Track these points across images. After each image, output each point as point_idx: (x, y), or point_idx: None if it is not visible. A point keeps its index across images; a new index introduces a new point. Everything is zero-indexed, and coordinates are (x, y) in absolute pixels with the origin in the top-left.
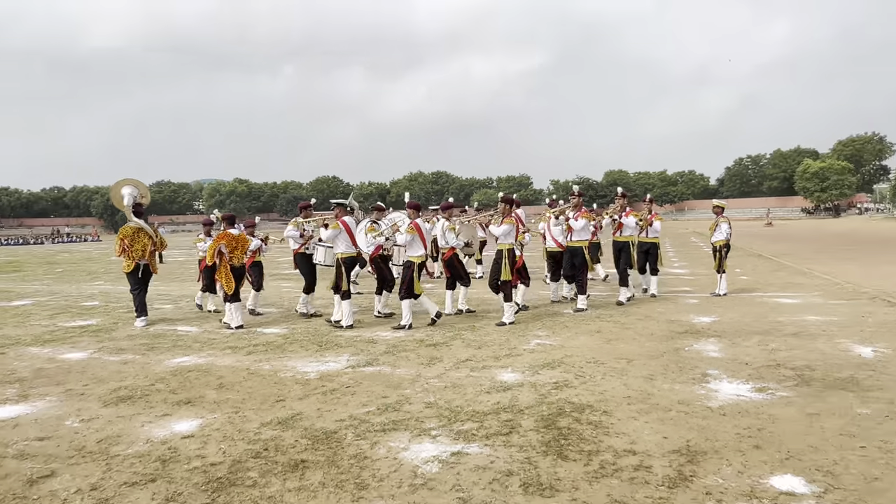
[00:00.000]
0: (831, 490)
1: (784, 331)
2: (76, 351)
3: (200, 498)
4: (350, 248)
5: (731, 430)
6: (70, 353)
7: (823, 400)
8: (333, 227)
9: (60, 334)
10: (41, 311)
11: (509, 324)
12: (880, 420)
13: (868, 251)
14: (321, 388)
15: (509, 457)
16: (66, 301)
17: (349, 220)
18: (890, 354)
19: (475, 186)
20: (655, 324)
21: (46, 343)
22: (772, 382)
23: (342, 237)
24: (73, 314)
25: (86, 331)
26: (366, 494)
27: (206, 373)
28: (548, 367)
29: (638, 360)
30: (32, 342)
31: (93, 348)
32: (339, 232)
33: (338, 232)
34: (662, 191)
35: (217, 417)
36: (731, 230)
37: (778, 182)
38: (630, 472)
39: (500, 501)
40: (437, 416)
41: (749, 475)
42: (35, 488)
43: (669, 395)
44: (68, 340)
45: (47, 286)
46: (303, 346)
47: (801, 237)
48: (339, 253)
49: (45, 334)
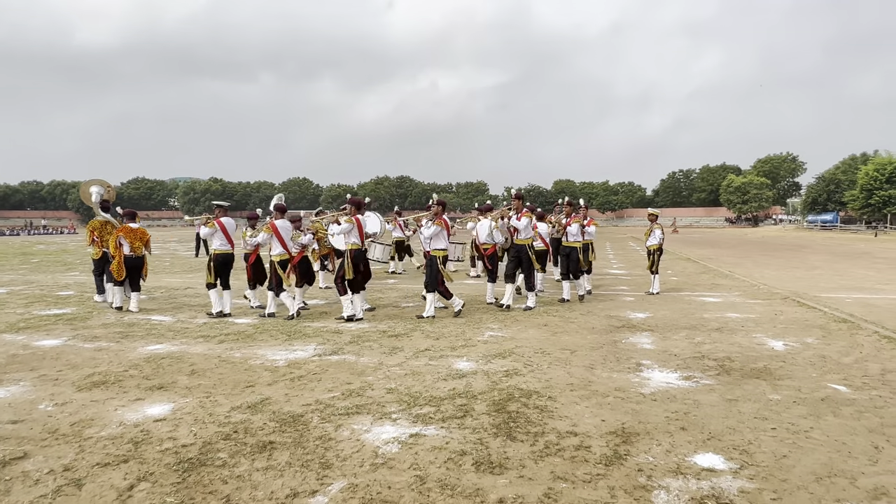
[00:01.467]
0: (746, 466)
1: (708, 326)
2: (51, 338)
3: (171, 477)
4: (281, 250)
5: (661, 413)
6: (44, 340)
7: (741, 387)
8: (265, 231)
9: (35, 322)
10: (16, 300)
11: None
12: (789, 405)
13: (781, 257)
14: (289, 375)
15: (463, 438)
16: (41, 290)
17: (226, 220)
18: (798, 348)
19: (435, 191)
20: (596, 318)
21: (21, 330)
22: (697, 372)
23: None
24: (48, 303)
25: (60, 319)
26: (330, 473)
27: (178, 360)
28: (499, 357)
29: (580, 351)
30: (7, 329)
31: (67, 335)
32: (270, 237)
33: (269, 236)
34: (605, 199)
35: (189, 402)
36: (663, 236)
37: (705, 194)
38: (571, 452)
39: (454, 479)
40: (397, 401)
41: (676, 454)
42: (7, 469)
43: (607, 382)
44: (43, 328)
45: (22, 276)
46: (272, 336)
47: (724, 243)
48: (276, 255)
49: (19, 322)
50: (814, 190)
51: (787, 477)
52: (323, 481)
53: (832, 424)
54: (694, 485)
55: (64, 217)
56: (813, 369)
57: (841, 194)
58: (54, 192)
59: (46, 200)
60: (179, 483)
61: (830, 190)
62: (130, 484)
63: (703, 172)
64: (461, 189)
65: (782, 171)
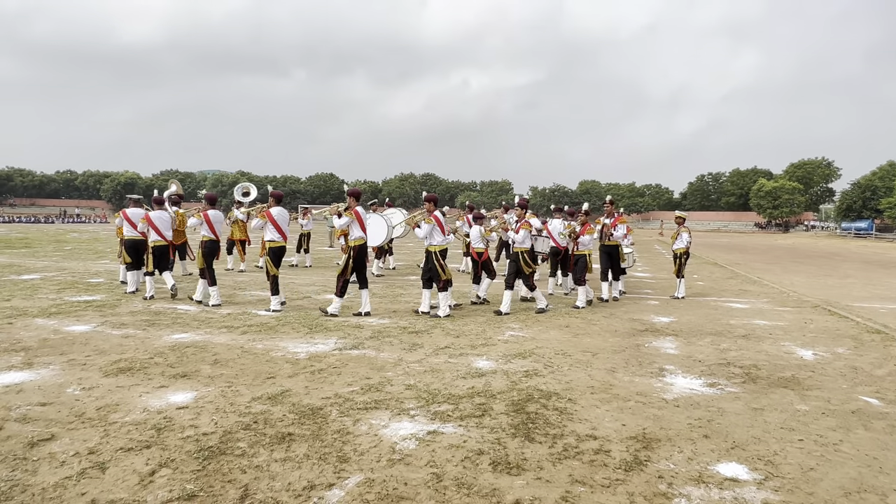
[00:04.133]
0: (771, 478)
1: (734, 333)
2: (80, 324)
3: (192, 465)
4: (210, 234)
5: (683, 420)
6: (74, 326)
7: (767, 396)
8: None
9: (66, 308)
10: (48, 286)
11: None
12: (817, 416)
13: (812, 264)
14: (310, 368)
15: (481, 437)
16: (72, 277)
17: (212, 213)
18: (829, 358)
19: (460, 189)
20: (619, 321)
21: (52, 315)
22: (722, 379)
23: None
24: (79, 289)
25: (90, 305)
26: (347, 467)
27: (202, 349)
28: (519, 357)
29: (602, 354)
30: (39, 314)
31: (96, 322)
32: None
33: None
34: (631, 201)
35: (211, 391)
36: (690, 239)
37: (735, 198)
38: (590, 455)
39: (470, 478)
40: (415, 398)
41: (698, 462)
42: (35, 450)
43: (629, 386)
44: (73, 314)
45: (56, 262)
46: (294, 329)
47: (752, 249)
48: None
49: (51, 307)
50: (848, 196)
51: (813, 490)
52: (340, 475)
53: (863, 438)
54: (716, 494)
55: (97, 206)
56: (843, 380)
57: (877, 201)
58: (87, 182)
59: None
60: (199, 471)
61: (866, 197)
62: (152, 469)
63: (733, 176)
64: (485, 187)
65: (815, 177)
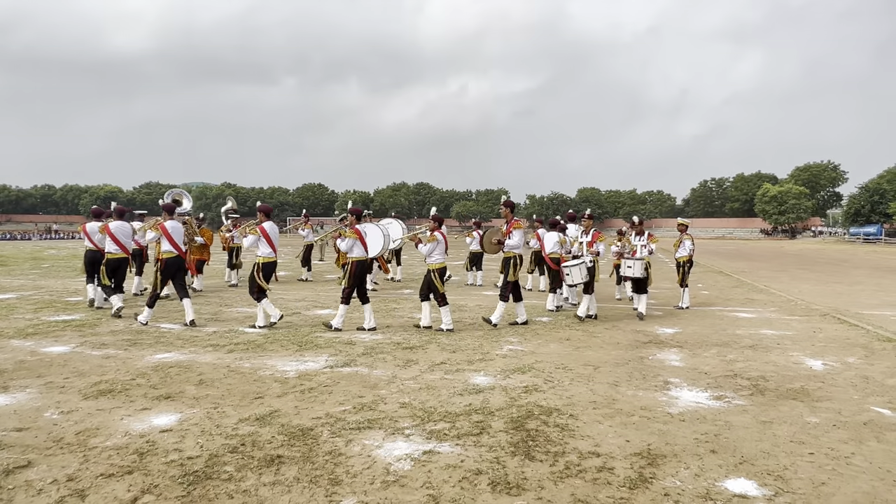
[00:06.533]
0: (781, 493)
1: (741, 343)
2: (59, 344)
3: (176, 490)
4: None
5: (689, 435)
6: (52, 347)
7: (776, 409)
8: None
9: (44, 328)
10: (25, 305)
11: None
12: (828, 429)
13: (821, 271)
14: (299, 387)
15: (479, 456)
16: (50, 296)
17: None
18: (838, 368)
19: (455, 198)
20: (621, 333)
21: (29, 336)
22: (728, 391)
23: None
24: (57, 309)
25: (69, 325)
26: (339, 490)
27: (186, 369)
28: (518, 372)
29: (604, 367)
30: (15, 335)
31: (75, 342)
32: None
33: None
34: (631, 208)
35: (196, 412)
36: (694, 247)
37: (739, 204)
38: (593, 473)
39: (468, 499)
40: (410, 416)
41: (705, 478)
42: (11, 478)
43: (633, 400)
44: (51, 334)
45: (32, 281)
46: (283, 346)
47: (759, 256)
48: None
49: (28, 328)
50: (856, 200)
51: None
52: (332, 498)
53: (875, 450)
54: None
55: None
56: (855, 391)
57: (886, 205)
58: (66, 197)
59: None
60: (184, 496)
61: (875, 201)
62: (134, 496)
63: (737, 181)
64: (481, 196)
65: (822, 181)
